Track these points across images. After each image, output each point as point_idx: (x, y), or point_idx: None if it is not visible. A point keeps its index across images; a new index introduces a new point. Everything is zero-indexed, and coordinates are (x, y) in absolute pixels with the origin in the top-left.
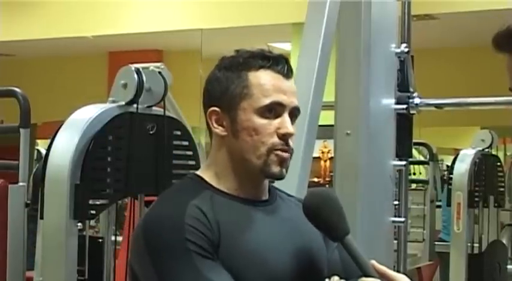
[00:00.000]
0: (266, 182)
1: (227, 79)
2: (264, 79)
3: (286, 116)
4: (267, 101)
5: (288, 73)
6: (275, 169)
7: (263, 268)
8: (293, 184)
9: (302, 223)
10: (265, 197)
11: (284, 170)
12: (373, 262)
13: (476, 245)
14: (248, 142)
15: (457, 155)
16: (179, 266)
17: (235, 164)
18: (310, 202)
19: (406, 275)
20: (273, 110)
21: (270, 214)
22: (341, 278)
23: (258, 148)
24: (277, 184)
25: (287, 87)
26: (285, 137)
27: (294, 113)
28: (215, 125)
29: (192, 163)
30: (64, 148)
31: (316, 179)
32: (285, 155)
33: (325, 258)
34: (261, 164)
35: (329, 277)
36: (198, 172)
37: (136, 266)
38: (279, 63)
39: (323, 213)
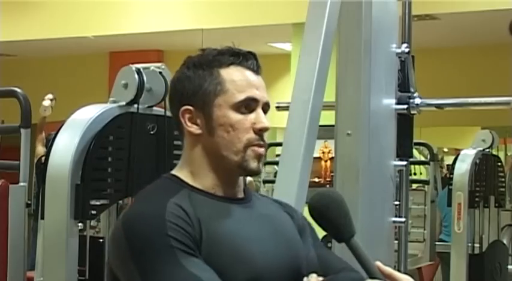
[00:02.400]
0: (242, 180)
1: (199, 77)
2: (236, 75)
3: (260, 111)
4: (242, 96)
5: (257, 69)
6: (252, 164)
7: (246, 264)
8: (294, 184)
9: (280, 219)
10: (241, 195)
11: (261, 165)
12: (378, 263)
13: (476, 245)
14: (225, 138)
15: (458, 155)
16: (163, 263)
17: (211, 162)
18: (318, 203)
19: (410, 276)
20: (248, 105)
21: (248, 211)
22: (319, 275)
23: (234, 144)
24: (278, 184)
25: (258, 82)
26: (260, 132)
27: (265, 109)
28: (189, 124)
29: None
30: (65, 148)
31: (316, 179)
32: (261, 150)
33: (304, 254)
34: (239, 160)
35: (307, 275)
36: (173, 172)
37: (117, 267)
38: (249, 59)
39: (331, 214)
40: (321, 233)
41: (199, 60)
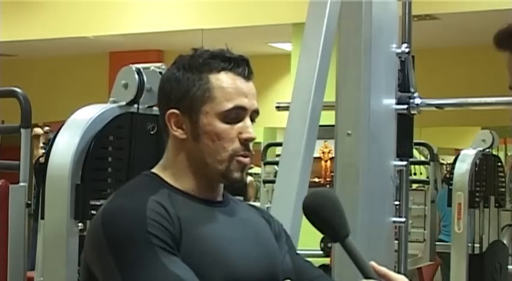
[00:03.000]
0: (222, 184)
1: (187, 80)
2: (225, 82)
3: (247, 121)
4: (229, 105)
5: (248, 75)
6: (236, 174)
7: (224, 265)
8: (294, 184)
9: (258, 224)
10: (220, 198)
11: (244, 174)
12: (373, 263)
13: (477, 245)
14: (210, 147)
15: (458, 155)
16: (143, 259)
17: (194, 167)
18: (313, 202)
19: (406, 275)
20: (235, 114)
21: (227, 214)
22: None
23: (219, 153)
24: (278, 184)
25: (248, 89)
26: (246, 142)
27: (254, 116)
28: (174, 128)
29: None
30: (65, 148)
31: (317, 180)
32: (246, 160)
33: (280, 259)
34: (223, 170)
35: None
36: (154, 170)
37: (92, 259)
38: (240, 65)
39: (325, 213)
40: (316, 234)
41: (190, 63)
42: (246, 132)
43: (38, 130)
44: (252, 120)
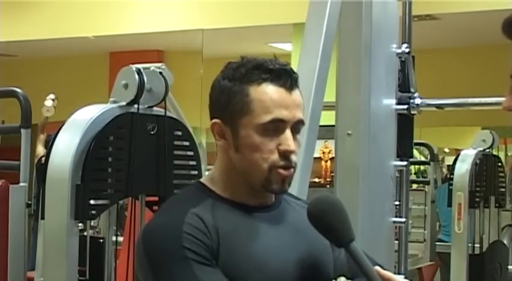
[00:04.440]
0: None
1: (229, 91)
2: (265, 94)
3: (287, 133)
4: (267, 118)
5: (291, 86)
6: (275, 186)
7: (264, 275)
8: (294, 184)
9: (308, 226)
10: (271, 201)
11: (287, 185)
12: (378, 268)
13: (477, 245)
14: (249, 158)
15: (458, 155)
16: (178, 274)
17: (238, 175)
18: (316, 208)
19: (406, 276)
20: (274, 127)
21: (273, 220)
22: (347, 278)
23: (259, 164)
24: None
25: (290, 101)
26: (286, 154)
27: (297, 127)
28: (217, 137)
29: (193, 163)
30: (65, 148)
31: (317, 180)
32: (286, 173)
33: (331, 260)
34: (263, 181)
35: (335, 278)
36: (202, 180)
37: (140, 276)
38: (282, 77)
39: (329, 219)
40: None
41: (234, 73)
42: (284, 145)
43: (47, 103)
44: (296, 131)
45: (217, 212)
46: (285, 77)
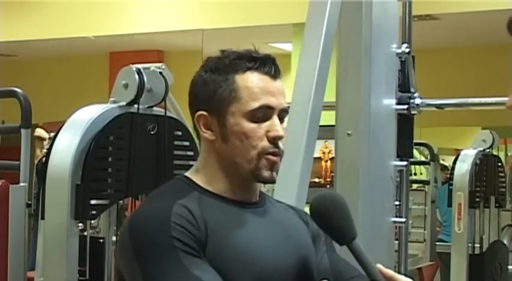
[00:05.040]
0: (257, 184)
1: (214, 82)
2: (251, 82)
3: (275, 119)
4: (255, 104)
5: (275, 74)
6: (266, 173)
7: (251, 267)
8: (294, 184)
9: (293, 226)
10: (256, 199)
11: (275, 173)
12: (380, 266)
13: (477, 245)
14: (238, 146)
15: (458, 155)
16: (165, 264)
17: (225, 168)
18: (320, 205)
19: (411, 278)
20: (262, 113)
21: (259, 215)
22: None
23: (248, 152)
24: (278, 184)
25: (275, 88)
26: (275, 140)
27: (282, 115)
28: (203, 129)
29: (193, 163)
30: (65, 148)
31: (317, 180)
32: (275, 158)
33: (314, 262)
34: (252, 169)
35: None
36: (187, 174)
37: (123, 266)
38: (266, 64)
39: (332, 216)
40: None
41: (216, 64)
42: (274, 131)
43: (43, 134)
44: (281, 119)
45: (204, 205)
46: (269, 65)
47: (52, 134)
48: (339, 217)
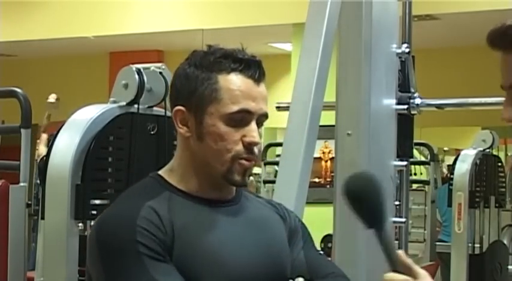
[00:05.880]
0: None
1: (196, 79)
2: (234, 84)
3: (253, 124)
4: (235, 108)
5: (259, 78)
6: (237, 177)
7: (220, 269)
8: (294, 184)
9: (266, 223)
10: (231, 196)
11: (246, 178)
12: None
13: (477, 245)
14: (212, 148)
15: (458, 155)
16: (129, 269)
17: (198, 166)
18: (358, 185)
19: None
20: (240, 117)
21: (232, 214)
22: (306, 279)
23: (222, 154)
24: (278, 184)
25: (257, 93)
26: (250, 146)
27: (261, 120)
28: (180, 125)
29: None
30: (65, 148)
31: (317, 180)
32: (248, 164)
33: (288, 260)
34: (224, 171)
35: (293, 278)
36: (160, 172)
37: (90, 266)
38: (251, 67)
39: (370, 197)
40: (316, 235)
41: (201, 60)
42: (250, 136)
43: (51, 99)
44: (260, 124)
45: (174, 206)
46: (254, 69)
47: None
48: (376, 199)
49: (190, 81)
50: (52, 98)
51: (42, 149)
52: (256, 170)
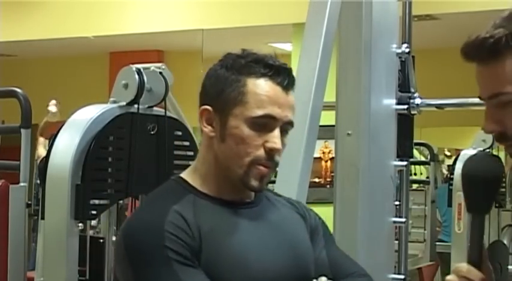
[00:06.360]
0: None
1: (225, 80)
2: (261, 89)
3: (276, 131)
4: (259, 112)
5: (287, 86)
6: (254, 182)
7: (246, 272)
8: (294, 184)
9: (289, 224)
10: (250, 199)
11: (263, 184)
12: (486, 252)
13: None
14: (233, 150)
15: (458, 155)
16: (158, 274)
17: (219, 167)
18: (487, 166)
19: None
20: (264, 123)
21: (254, 217)
22: (328, 278)
23: (241, 157)
24: (278, 184)
25: (284, 100)
26: (271, 152)
27: (286, 128)
28: (205, 124)
29: (193, 163)
30: (65, 148)
31: (317, 180)
32: (266, 170)
33: (311, 259)
34: (241, 175)
35: (316, 278)
36: (182, 174)
37: (119, 272)
38: (280, 74)
39: (496, 179)
40: None
41: (233, 63)
42: (271, 142)
43: (52, 109)
44: (285, 131)
45: (199, 209)
46: (284, 76)
47: (54, 101)
48: (496, 183)
49: (219, 82)
50: (52, 105)
51: (41, 151)
52: None
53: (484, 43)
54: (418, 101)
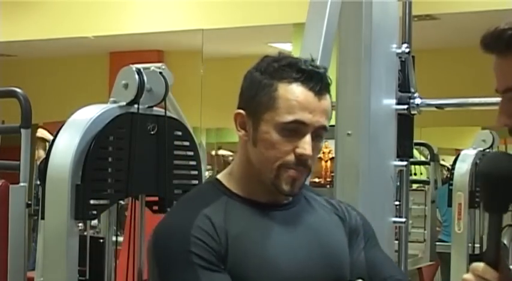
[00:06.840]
0: None
1: (259, 84)
2: (292, 94)
3: (307, 137)
4: (289, 118)
5: (320, 90)
6: (285, 186)
7: (274, 274)
8: None
9: (325, 227)
10: (286, 200)
11: (295, 189)
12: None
13: (477, 245)
14: (263, 154)
15: (458, 155)
16: (182, 279)
17: (252, 170)
18: (505, 165)
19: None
20: (294, 128)
21: (287, 219)
22: None
23: (270, 162)
24: None
25: (316, 105)
26: (301, 158)
27: (319, 133)
28: (239, 128)
29: (193, 163)
30: (65, 148)
31: (317, 180)
32: (296, 174)
33: (347, 262)
34: (272, 179)
35: (353, 280)
36: (218, 176)
37: (149, 273)
38: (313, 79)
39: (505, 181)
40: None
41: (267, 67)
42: (301, 148)
43: (46, 135)
44: (318, 136)
45: (230, 212)
46: (316, 81)
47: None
48: (509, 182)
49: (252, 86)
50: (40, 134)
51: (41, 153)
52: None
53: (502, 34)
54: (418, 101)
